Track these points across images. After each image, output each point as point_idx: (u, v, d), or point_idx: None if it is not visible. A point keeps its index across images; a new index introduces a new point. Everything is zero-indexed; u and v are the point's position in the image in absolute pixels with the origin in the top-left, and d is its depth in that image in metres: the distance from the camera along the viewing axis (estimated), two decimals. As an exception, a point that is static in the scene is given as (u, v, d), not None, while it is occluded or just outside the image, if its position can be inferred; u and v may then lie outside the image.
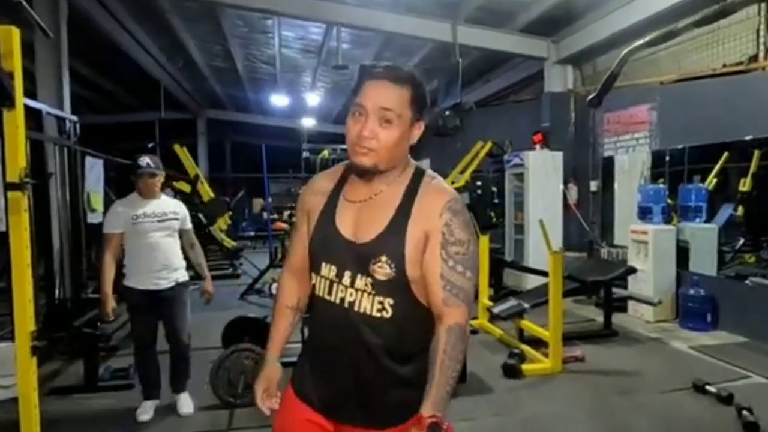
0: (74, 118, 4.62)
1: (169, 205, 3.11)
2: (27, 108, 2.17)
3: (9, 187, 2.00)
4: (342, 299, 1.21)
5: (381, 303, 1.19)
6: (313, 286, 1.28)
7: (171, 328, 3.06)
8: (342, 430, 1.27)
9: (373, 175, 1.22)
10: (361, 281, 1.19)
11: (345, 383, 1.24)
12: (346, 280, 1.21)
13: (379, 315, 1.19)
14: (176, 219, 3.08)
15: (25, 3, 1.97)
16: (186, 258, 3.21)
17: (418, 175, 1.25)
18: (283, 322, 1.40)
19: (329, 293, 1.23)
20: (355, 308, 1.20)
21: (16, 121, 2.02)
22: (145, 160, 3.00)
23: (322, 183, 1.33)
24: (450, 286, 1.17)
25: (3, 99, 1.92)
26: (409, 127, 1.20)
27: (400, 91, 1.17)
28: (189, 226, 3.21)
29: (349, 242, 1.22)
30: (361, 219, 1.23)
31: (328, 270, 1.23)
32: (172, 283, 2.99)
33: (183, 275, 3.08)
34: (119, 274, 3.05)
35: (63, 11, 5.26)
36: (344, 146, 1.32)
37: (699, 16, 1.85)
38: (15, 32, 1.98)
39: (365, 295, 1.19)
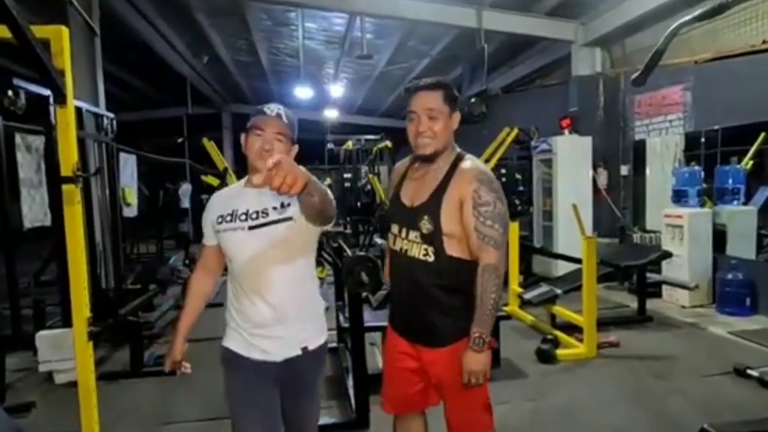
0: (111, 115, 4.78)
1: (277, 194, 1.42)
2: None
3: (64, 180, 2.09)
4: (401, 248, 1.73)
5: (426, 250, 1.67)
6: (389, 240, 1.82)
7: (293, 427, 1.72)
8: (417, 351, 1.75)
9: (433, 159, 1.69)
10: (412, 234, 1.69)
11: (408, 310, 1.76)
12: (404, 234, 1.72)
13: (424, 258, 1.67)
14: (284, 218, 1.57)
15: (75, 2, 2.04)
16: None
17: (458, 159, 1.71)
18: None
19: (394, 244, 1.76)
20: (409, 253, 1.70)
21: (67, 118, 2.11)
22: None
23: (399, 167, 1.88)
24: (482, 236, 1.60)
25: (56, 97, 2.00)
26: (449, 117, 1.66)
27: (435, 94, 1.65)
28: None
29: (407, 207, 1.73)
30: (416, 190, 1.73)
31: (395, 228, 1.76)
32: (296, 351, 1.61)
33: (318, 334, 1.68)
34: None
35: (96, 11, 5.40)
36: (368, 137, 2.27)
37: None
38: (65, 32, 2.06)
39: (415, 244, 1.69)
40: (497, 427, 2.80)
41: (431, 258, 1.65)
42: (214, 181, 9.53)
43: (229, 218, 1.62)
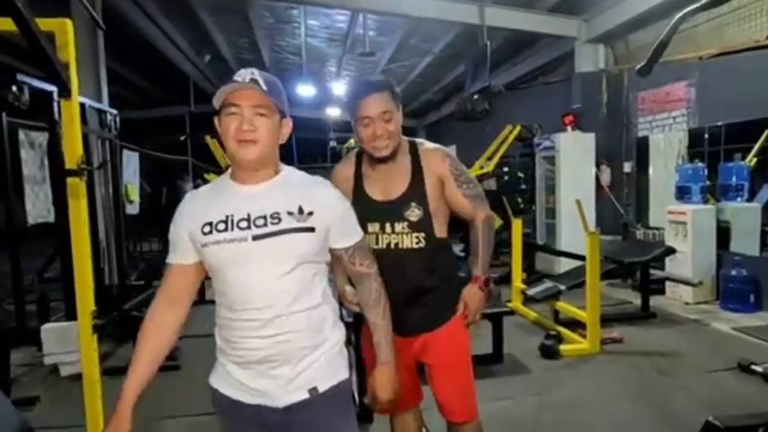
0: (114, 111, 4.79)
1: (291, 193, 1.25)
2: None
3: (68, 173, 2.09)
4: (388, 243, 1.68)
5: (417, 237, 1.67)
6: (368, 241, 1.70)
7: None
8: (409, 343, 1.73)
9: (392, 157, 1.67)
10: (400, 226, 1.67)
11: (402, 305, 1.65)
12: (389, 228, 1.68)
13: (417, 246, 1.68)
14: (305, 228, 1.22)
15: (79, -4, 2.04)
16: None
17: (413, 145, 1.74)
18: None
19: (377, 243, 1.68)
20: (400, 246, 1.68)
21: (72, 111, 2.11)
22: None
23: (344, 171, 1.77)
24: (471, 198, 1.74)
25: (61, 90, 2.00)
26: (399, 114, 1.66)
27: (385, 95, 1.62)
28: (353, 238, 1.35)
29: (383, 202, 1.69)
30: (385, 185, 1.70)
31: (374, 226, 1.68)
32: (301, 394, 1.24)
33: (332, 371, 1.29)
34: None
35: (98, 7, 5.41)
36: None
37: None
38: (69, 25, 2.06)
39: (404, 235, 1.67)
40: (501, 421, 2.80)
41: (423, 244, 1.68)
42: (215, 178, 9.59)
43: (222, 226, 1.20)
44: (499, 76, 9.81)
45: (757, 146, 5.93)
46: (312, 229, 1.22)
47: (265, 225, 1.19)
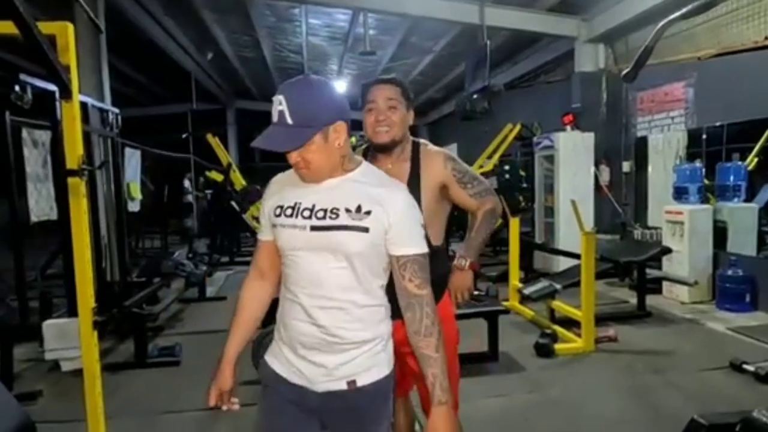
0: (116, 110, 4.84)
1: (356, 190, 1.28)
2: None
3: (69, 173, 2.14)
4: None
5: None
6: None
7: None
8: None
9: (390, 149, 1.70)
10: None
11: None
12: None
13: None
14: (358, 227, 1.24)
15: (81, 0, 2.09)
16: None
17: (416, 145, 1.77)
18: None
19: None
20: None
21: (73, 112, 2.15)
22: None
23: None
24: (477, 194, 1.77)
25: (62, 92, 2.05)
26: (406, 111, 1.71)
27: (394, 87, 1.70)
28: (410, 249, 1.28)
29: None
30: None
31: None
32: (340, 384, 1.28)
33: (372, 367, 1.30)
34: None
35: (101, 7, 5.46)
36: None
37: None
38: (70, 28, 2.10)
39: None
40: (495, 418, 2.84)
41: None
42: (218, 176, 9.64)
43: (289, 211, 1.31)
44: (499, 75, 9.84)
45: (757, 147, 5.95)
46: (366, 229, 1.24)
47: (324, 218, 1.26)
